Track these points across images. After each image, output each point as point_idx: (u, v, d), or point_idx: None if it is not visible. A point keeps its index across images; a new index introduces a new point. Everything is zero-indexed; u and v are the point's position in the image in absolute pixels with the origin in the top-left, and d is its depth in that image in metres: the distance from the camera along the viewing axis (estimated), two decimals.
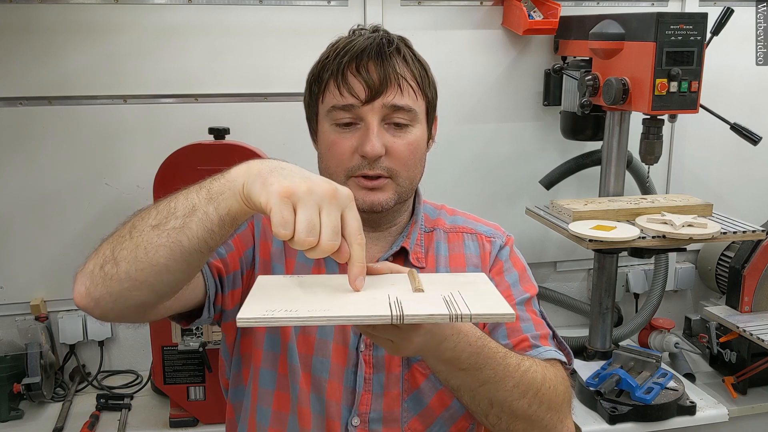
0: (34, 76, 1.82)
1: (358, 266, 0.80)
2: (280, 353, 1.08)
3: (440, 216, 1.19)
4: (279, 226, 0.75)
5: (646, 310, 2.16)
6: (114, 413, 1.83)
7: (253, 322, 0.74)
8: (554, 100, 2.11)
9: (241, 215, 0.83)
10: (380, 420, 1.06)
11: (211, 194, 0.82)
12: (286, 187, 0.76)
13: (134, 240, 0.84)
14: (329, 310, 0.75)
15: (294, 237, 0.75)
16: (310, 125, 1.14)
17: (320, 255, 0.77)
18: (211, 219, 0.82)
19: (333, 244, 0.77)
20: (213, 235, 0.83)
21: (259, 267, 1.10)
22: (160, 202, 0.86)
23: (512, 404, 0.96)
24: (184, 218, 0.82)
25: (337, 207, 0.78)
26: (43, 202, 1.89)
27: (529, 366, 0.97)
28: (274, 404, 1.08)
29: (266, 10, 1.92)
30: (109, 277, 0.85)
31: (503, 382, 0.94)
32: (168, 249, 0.82)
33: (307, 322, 0.75)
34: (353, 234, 0.79)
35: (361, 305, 0.77)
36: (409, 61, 1.06)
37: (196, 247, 0.83)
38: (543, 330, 1.10)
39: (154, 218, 0.84)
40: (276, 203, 0.76)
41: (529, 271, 1.17)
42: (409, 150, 1.06)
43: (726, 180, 2.33)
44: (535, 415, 0.98)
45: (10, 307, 1.92)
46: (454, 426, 1.09)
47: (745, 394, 1.92)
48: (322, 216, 0.77)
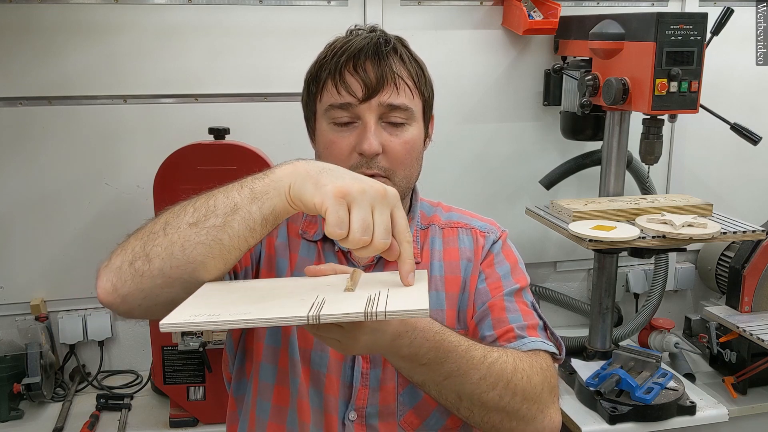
0: (34, 76, 1.82)
1: (408, 263, 0.83)
2: (281, 347, 1.09)
3: (436, 213, 1.20)
4: (335, 225, 0.77)
5: (646, 310, 2.16)
6: (114, 413, 1.83)
7: (176, 326, 0.75)
8: (554, 100, 2.11)
9: (284, 215, 0.85)
10: (377, 414, 1.07)
11: (255, 193, 0.84)
12: (340, 188, 0.79)
13: (169, 237, 0.85)
14: (249, 313, 0.76)
15: (349, 236, 0.78)
16: (308, 125, 1.15)
17: (373, 253, 0.80)
18: (254, 218, 0.84)
19: (385, 242, 0.79)
20: (254, 234, 0.85)
21: (264, 261, 1.11)
22: (195, 199, 0.87)
23: (481, 396, 0.95)
24: (225, 216, 0.84)
25: (387, 206, 0.81)
26: (43, 202, 1.89)
27: (497, 357, 0.97)
28: (274, 398, 1.09)
29: (266, 10, 1.92)
30: (140, 273, 0.85)
31: (468, 374, 0.94)
32: (207, 246, 0.84)
33: (223, 326, 0.76)
34: (402, 232, 0.82)
35: (286, 307, 0.78)
36: (405, 61, 1.07)
37: (236, 245, 0.85)
38: (531, 320, 1.09)
39: (191, 216, 0.85)
40: (332, 203, 0.78)
41: (522, 263, 1.17)
42: (406, 149, 1.06)
43: (726, 180, 2.33)
44: (508, 407, 0.97)
45: (10, 307, 1.92)
46: (450, 419, 1.09)
47: (745, 394, 1.92)
48: (375, 215, 0.79)
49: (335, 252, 1.12)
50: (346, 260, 1.11)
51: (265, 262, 1.11)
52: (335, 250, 1.12)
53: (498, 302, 1.10)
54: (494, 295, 1.11)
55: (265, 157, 1.69)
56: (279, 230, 1.13)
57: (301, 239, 1.13)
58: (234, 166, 1.62)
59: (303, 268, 1.07)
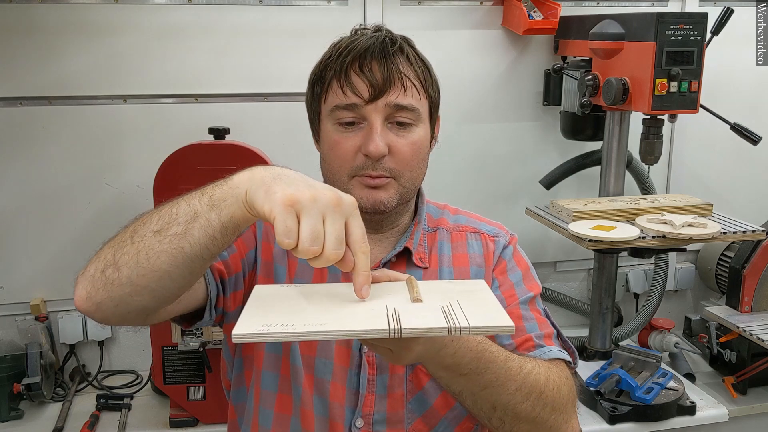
0: (34, 76, 1.82)
1: (362, 275, 0.80)
2: (283, 354, 1.07)
3: (443, 215, 1.19)
4: (282, 235, 0.74)
5: (646, 310, 2.16)
6: (114, 413, 1.83)
7: (249, 338, 0.73)
8: (554, 100, 2.11)
9: (243, 222, 0.82)
10: (384, 421, 1.06)
11: (214, 201, 0.82)
12: (289, 195, 0.76)
13: (136, 245, 0.83)
14: (326, 324, 0.75)
15: (298, 246, 0.75)
16: (312, 126, 1.13)
17: (324, 264, 0.77)
18: (213, 226, 0.82)
19: (337, 253, 0.76)
20: (215, 242, 0.83)
21: (261, 268, 1.10)
22: (162, 206, 0.86)
23: (515, 407, 0.95)
24: (186, 224, 0.82)
25: (341, 215, 0.77)
26: (43, 202, 1.89)
27: (531, 368, 0.97)
28: (277, 406, 1.08)
29: (266, 10, 1.92)
30: (111, 281, 0.84)
31: (505, 385, 0.94)
32: (170, 255, 0.82)
33: (304, 337, 0.74)
34: (357, 242, 0.78)
35: (359, 317, 0.77)
36: (412, 61, 1.06)
37: (198, 254, 0.83)
38: (547, 329, 1.09)
39: (155, 223, 0.84)
40: (280, 212, 0.75)
41: (533, 269, 1.17)
42: (413, 150, 1.05)
43: (726, 180, 2.33)
44: (539, 417, 0.97)
45: (10, 307, 1.92)
46: (459, 427, 1.09)
47: (745, 394, 1.92)
48: (326, 225, 0.76)
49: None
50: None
51: (262, 269, 1.10)
52: None
53: (515, 311, 1.09)
54: (509, 303, 1.10)
55: (265, 157, 1.69)
56: None
57: None
58: (234, 166, 1.59)
59: (303, 275, 1.07)
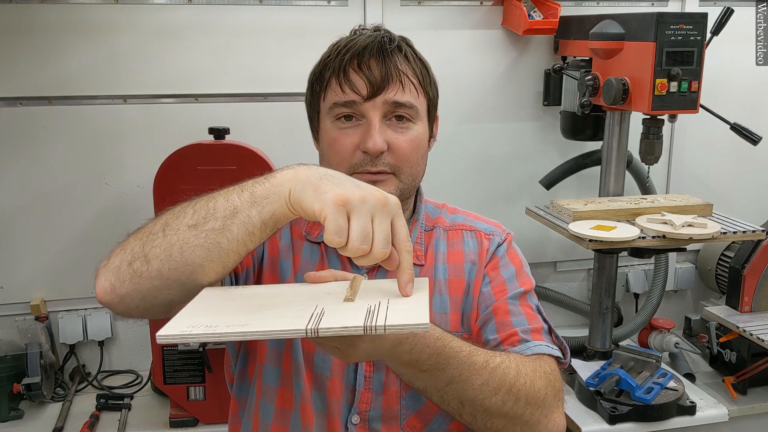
0: (34, 76, 1.82)
1: (407, 273, 0.81)
2: (285, 349, 1.08)
3: (441, 214, 1.20)
4: (334, 233, 0.76)
5: (646, 310, 2.16)
6: (114, 413, 1.83)
7: (171, 338, 0.74)
8: (554, 100, 2.11)
9: (283, 220, 0.84)
10: (379, 418, 1.07)
11: (255, 197, 0.83)
12: (340, 195, 0.77)
13: (168, 238, 0.84)
14: (247, 325, 0.75)
15: (348, 244, 0.76)
16: (311, 124, 1.14)
17: (371, 262, 0.78)
18: (253, 222, 0.82)
19: (385, 251, 0.78)
20: (253, 238, 0.84)
21: (267, 263, 1.11)
22: (195, 201, 0.86)
23: (483, 402, 0.95)
24: (224, 219, 0.82)
25: (388, 215, 0.79)
26: (43, 202, 1.89)
27: (499, 362, 0.96)
28: (278, 401, 1.08)
29: (266, 10, 1.92)
30: (139, 274, 0.84)
31: (470, 380, 0.93)
32: (205, 249, 0.83)
33: (223, 338, 0.74)
34: (402, 241, 0.80)
35: (286, 318, 0.77)
36: (410, 59, 1.07)
37: (235, 249, 0.84)
38: (536, 324, 1.09)
39: (190, 217, 0.84)
40: (331, 211, 0.76)
41: (527, 266, 1.17)
42: (411, 146, 1.06)
43: (726, 180, 2.33)
44: (512, 412, 0.97)
45: (10, 307, 1.92)
46: (453, 423, 1.09)
47: (745, 394, 1.92)
48: (375, 224, 0.78)
49: (338, 254, 1.11)
50: (349, 262, 1.10)
51: (268, 264, 1.11)
52: (338, 253, 1.12)
53: (502, 305, 1.09)
54: (498, 299, 1.10)
55: (265, 157, 1.69)
56: (282, 232, 1.13)
57: (304, 241, 1.13)
58: (234, 167, 1.62)
59: (306, 271, 1.07)
